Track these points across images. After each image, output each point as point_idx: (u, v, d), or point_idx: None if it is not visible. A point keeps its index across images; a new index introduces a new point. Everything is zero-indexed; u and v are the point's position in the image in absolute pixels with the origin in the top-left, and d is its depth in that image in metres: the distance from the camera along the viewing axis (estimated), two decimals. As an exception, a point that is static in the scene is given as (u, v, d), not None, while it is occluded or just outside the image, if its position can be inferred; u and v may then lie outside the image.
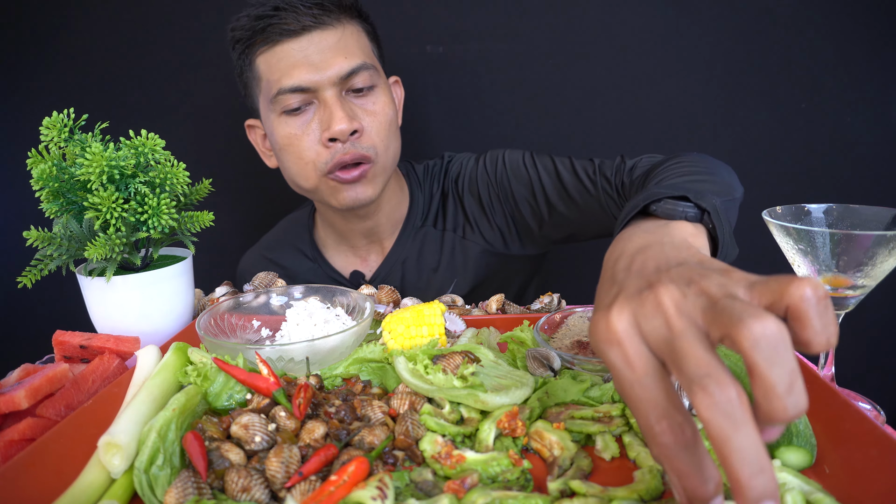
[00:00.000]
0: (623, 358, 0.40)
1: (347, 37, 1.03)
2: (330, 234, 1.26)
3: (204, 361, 0.65)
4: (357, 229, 1.20)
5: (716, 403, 0.35)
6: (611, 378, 0.66)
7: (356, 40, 1.04)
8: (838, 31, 1.36)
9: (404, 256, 1.22)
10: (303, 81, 1.00)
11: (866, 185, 1.44)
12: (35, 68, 1.53)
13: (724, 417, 0.34)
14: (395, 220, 1.22)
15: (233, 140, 1.58)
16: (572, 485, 0.50)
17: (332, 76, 1.00)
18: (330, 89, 1.01)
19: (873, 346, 1.51)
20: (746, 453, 0.34)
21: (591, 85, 1.46)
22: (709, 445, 0.49)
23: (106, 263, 0.80)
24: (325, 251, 1.28)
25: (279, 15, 0.99)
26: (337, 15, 1.02)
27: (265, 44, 1.02)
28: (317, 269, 1.26)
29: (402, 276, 1.22)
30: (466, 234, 1.21)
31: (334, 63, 1.00)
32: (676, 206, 0.60)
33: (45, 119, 0.77)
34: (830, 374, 0.69)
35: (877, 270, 0.63)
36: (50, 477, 0.53)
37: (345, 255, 1.26)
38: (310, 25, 0.99)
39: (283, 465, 0.51)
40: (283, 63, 1.01)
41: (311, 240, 1.29)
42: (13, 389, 0.64)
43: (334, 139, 1.01)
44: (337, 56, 1.00)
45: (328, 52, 1.00)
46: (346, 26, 1.03)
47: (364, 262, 1.25)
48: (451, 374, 0.64)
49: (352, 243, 1.24)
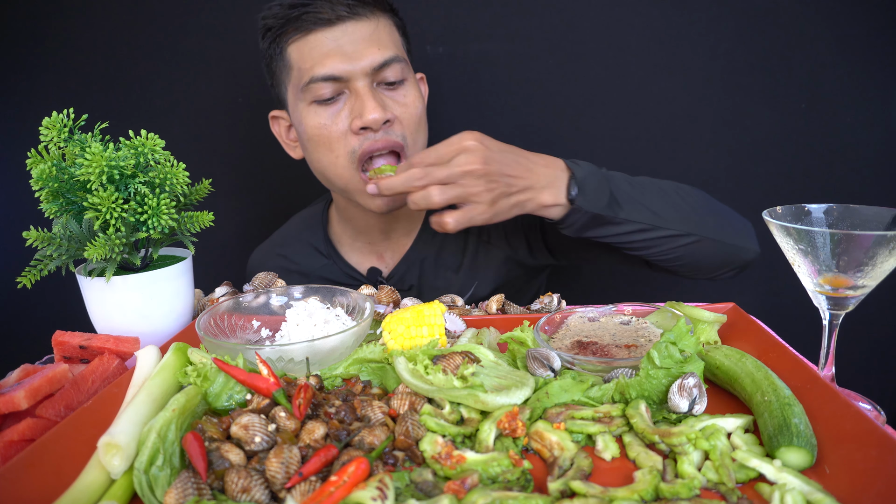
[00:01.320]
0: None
1: (381, 29, 1.04)
2: (346, 229, 1.25)
3: (204, 362, 0.65)
4: (375, 225, 1.19)
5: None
6: (611, 378, 0.66)
7: (388, 33, 1.05)
8: (838, 31, 1.37)
9: (423, 255, 1.21)
10: (336, 70, 1.00)
11: (866, 185, 1.44)
12: (35, 68, 1.53)
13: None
14: (414, 218, 1.21)
15: (233, 140, 1.58)
16: (572, 485, 0.50)
17: (364, 66, 1.00)
18: (362, 80, 1.01)
19: (874, 346, 1.51)
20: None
21: (592, 85, 1.46)
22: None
23: (106, 264, 0.80)
24: (341, 248, 1.26)
25: (314, 4, 1.00)
26: (371, 7, 1.03)
27: (298, 32, 1.02)
28: (331, 265, 1.25)
29: (420, 274, 1.21)
30: (492, 238, 1.21)
31: (367, 54, 1.01)
32: (579, 174, 0.91)
33: (45, 119, 0.77)
34: (831, 374, 0.69)
35: (877, 271, 0.63)
36: (50, 477, 0.53)
37: (360, 251, 1.25)
38: (344, 16, 1.00)
39: (283, 465, 0.51)
40: (316, 52, 1.01)
41: (326, 236, 1.27)
42: (13, 390, 0.64)
43: (366, 128, 1.01)
44: (370, 47, 1.01)
45: (361, 42, 1.01)
46: (380, 19, 1.04)
47: (381, 258, 1.24)
48: (451, 374, 0.64)
49: (369, 239, 1.23)
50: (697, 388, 0.59)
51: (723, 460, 0.53)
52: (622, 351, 0.71)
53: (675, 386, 0.60)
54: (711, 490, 0.51)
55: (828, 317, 0.68)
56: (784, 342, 0.71)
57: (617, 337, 0.75)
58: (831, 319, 0.68)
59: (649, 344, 0.72)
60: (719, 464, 0.53)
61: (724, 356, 0.66)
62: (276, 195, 1.61)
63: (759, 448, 0.55)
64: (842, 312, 0.67)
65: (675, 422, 0.59)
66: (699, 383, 0.60)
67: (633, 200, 0.94)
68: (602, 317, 0.81)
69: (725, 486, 0.51)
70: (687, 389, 0.59)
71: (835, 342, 0.69)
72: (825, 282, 0.65)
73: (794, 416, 0.54)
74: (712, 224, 0.98)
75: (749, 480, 0.52)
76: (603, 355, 0.70)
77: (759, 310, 0.99)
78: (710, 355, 0.67)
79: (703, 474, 0.52)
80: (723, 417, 0.58)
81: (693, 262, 0.99)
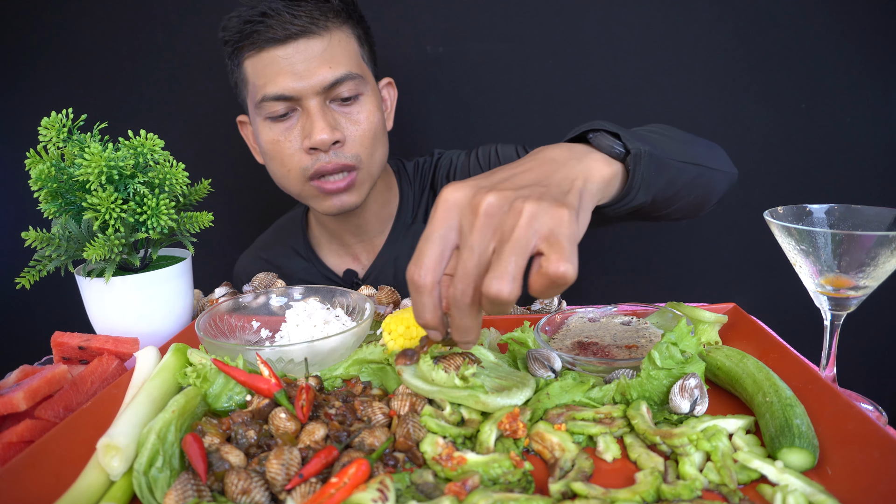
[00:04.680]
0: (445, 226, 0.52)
1: (334, 45, 1.02)
2: (322, 232, 1.27)
3: (203, 363, 0.64)
4: (346, 228, 1.21)
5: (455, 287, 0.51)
6: (612, 379, 0.65)
7: (343, 48, 1.03)
8: (838, 31, 1.36)
9: (396, 254, 1.22)
10: (286, 90, 1.00)
11: (866, 185, 1.44)
12: (34, 68, 1.53)
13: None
14: (384, 217, 1.22)
15: (232, 140, 1.57)
16: (574, 486, 0.50)
17: (315, 85, 1.00)
18: (313, 98, 1.01)
19: (875, 346, 1.51)
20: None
21: (591, 85, 1.46)
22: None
23: (105, 264, 0.80)
24: (319, 250, 1.29)
25: (265, 22, 0.99)
26: (324, 23, 1.01)
27: (252, 48, 1.02)
28: (311, 268, 1.27)
29: (395, 273, 1.22)
30: None
31: (318, 72, 1.00)
32: (606, 139, 0.64)
33: (44, 119, 0.77)
34: (832, 374, 0.69)
35: (879, 271, 0.62)
36: (48, 479, 0.53)
37: (337, 253, 1.27)
38: (296, 34, 0.99)
39: (283, 467, 0.51)
40: (269, 70, 1.00)
41: (306, 239, 1.29)
42: (12, 391, 0.63)
43: (315, 148, 1.02)
44: (322, 66, 1.00)
45: (313, 61, 1.00)
46: (334, 34, 1.02)
47: (356, 260, 1.26)
48: (452, 372, 0.64)
49: (343, 241, 1.25)
50: (699, 389, 0.59)
51: (724, 461, 0.53)
52: (623, 352, 0.71)
53: (677, 387, 0.60)
54: (713, 491, 0.51)
55: (829, 317, 0.68)
56: (785, 343, 0.71)
57: (617, 337, 0.75)
58: (833, 320, 0.68)
59: (650, 344, 0.72)
60: (721, 465, 0.52)
61: (725, 357, 0.66)
62: (276, 195, 1.60)
63: (760, 449, 0.55)
64: (843, 313, 0.67)
65: (676, 423, 0.59)
66: (700, 384, 0.60)
67: (660, 144, 0.76)
68: (602, 317, 0.81)
69: (727, 487, 0.51)
70: (688, 390, 0.59)
71: (836, 343, 0.68)
72: (826, 282, 0.65)
73: (795, 417, 0.54)
74: (704, 153, 0.88)
75: (751, 482, 0.52)
76: (604, 356, 0.70)
77: (759, 310, 0.99)
78: (711, 356, 0.67)
79: (705, 475, 0.52)
80: (724, 418, 0.58)
81: (697, 198, 0.86)
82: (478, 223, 0.50)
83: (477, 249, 0.50)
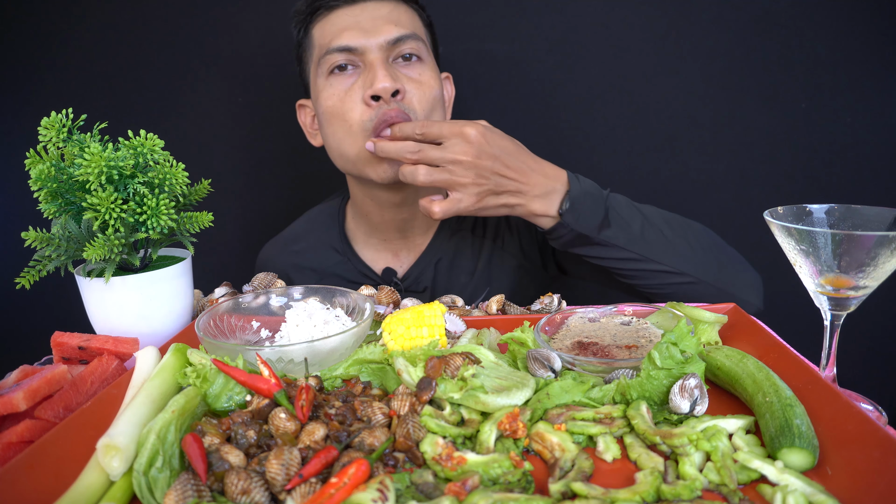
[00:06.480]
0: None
1: (401, 11, 1.07)
2: (361, 225, 1.23)
3: (203, 363, 0.64)
4: (392, 221, 1.17)
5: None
6: (612, 379, 0.66)
7: (409, 17, 1.08)
8: (838, 31, 1.36)
9: (438, 257, 1.19)
10: (351, 42, 1.03)
11: (866, 186, 1.44)
12: (34, 68, 1.53)
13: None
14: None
15: (233, 140, 1.58)
16: (574, 486, 0.50)
17: (380, 41, 1.03)
18: (377, 52, 1.03)
19: (875, 346, 1.51)
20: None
21: (591, 85, 1.46)
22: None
23: (105, 264, 0.80)
24: (356, 245, 1.24)
25: None
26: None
27: (322, 10, 1.07)
28: (345, 262, 1.23)
29: (434, 277, 1.19)
30: (506, 245, 1.20)
31: (384, 29, 1.03)
32: (578, 204, 0.94)
33: (44, 119, 0.77)
34: (832, 374, 0.69)
35: (879, 271, 0.62)
36: (48, 479, 0.53)
37: (375, 248, 1.23)
38: None
39: (283, 467, 0.51)
40: (336, 27, 1.05)
41: (342, 232, 1.25)
42: (11, 391, 0.63)
43: (377, 97, 1.01)
44: (387, 24, 1.04)
45: (379, 20, 1.04)
46: (401, 4, 1.08)
47: (395, 257, 1.22)
48: (451, 375, 0.64)
49: (384, 236, 1.21)
50: (699, 389, 0.59)
51: (724, 461, 0.53)
52: (623, 352, 0.71)
53: (677, 387, 0.60)
54: (713, 491, 0.51)
55: (829, 317, 0.68)
56: (785, 343, 0.71)
57: (617, 338, 0.75)
58: (833, 320, 0.68)
59: (650, 345, 0.72)
60: (721, 465, 0.52)
61: (725, 357, 0.66)
62: (276, 195, 1.61)
63: (760, 449, 0.55)
64: (843, 313, 0.67)
65: (676, 423, 0.59)
66: (700, 384, 0.60)
67: (627, 228, 0.95)
68: (602, 317, 0.81)
69: (727, 487, 0.51)
70: (688, 390, 0.59)
71: (836, 343, 0.68)
72: (826, 282, 0.65)
73: (795, 417, 0.54)
74: (714, 269, 0.97)
75: (751, 482, 0.52)
76: (604, 356, 0.70)
77: (759, 310, 0.99)
78: (711, 356, 0.67)
79: (705, 475, 0.52)
80: (724, 418, 0.58)
81: (686, 300, 0.94)
82: (450, 155, 0.90)
83: (437, 155, 0.91)
